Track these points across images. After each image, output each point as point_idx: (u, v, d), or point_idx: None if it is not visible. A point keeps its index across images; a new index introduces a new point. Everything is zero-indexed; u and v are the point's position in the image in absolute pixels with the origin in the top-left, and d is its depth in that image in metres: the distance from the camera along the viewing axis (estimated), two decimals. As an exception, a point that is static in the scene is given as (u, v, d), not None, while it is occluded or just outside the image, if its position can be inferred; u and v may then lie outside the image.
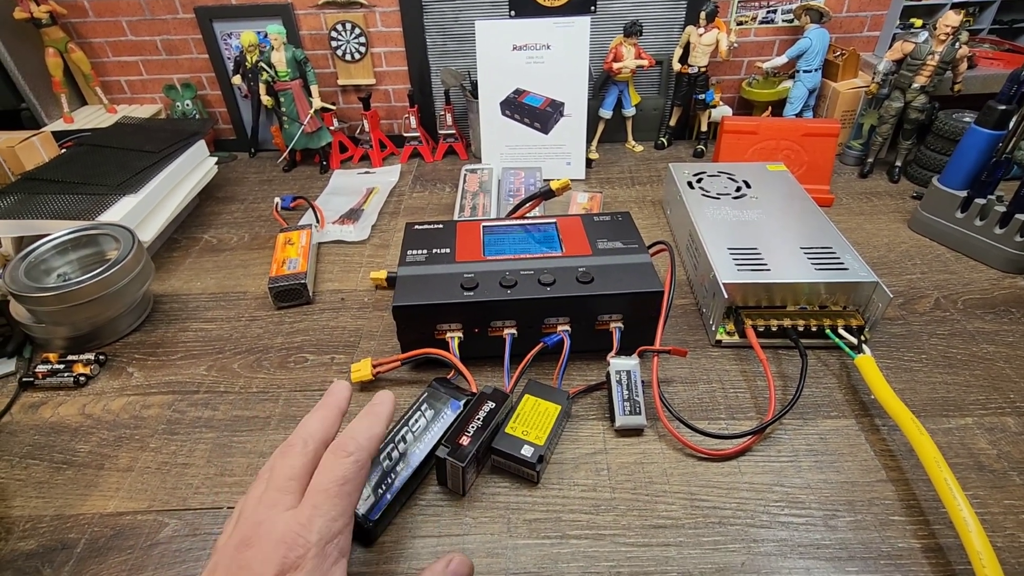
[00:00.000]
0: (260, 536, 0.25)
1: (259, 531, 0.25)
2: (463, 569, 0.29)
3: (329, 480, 0.27)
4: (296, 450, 0.29)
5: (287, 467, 0.28)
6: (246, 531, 0.26)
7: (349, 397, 0.33)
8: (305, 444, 0.29)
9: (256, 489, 0.28)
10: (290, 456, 0.28)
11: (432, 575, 0.29)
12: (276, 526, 0.25)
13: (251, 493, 0.28)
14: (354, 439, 0.29)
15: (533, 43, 0.69)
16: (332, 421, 0.31)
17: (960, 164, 0.56)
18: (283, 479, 0.27)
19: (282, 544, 0.25)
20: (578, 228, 0.49)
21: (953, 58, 0.63)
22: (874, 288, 0.44)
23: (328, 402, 0.32)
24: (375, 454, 0.31)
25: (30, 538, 0.35)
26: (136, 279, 0.49)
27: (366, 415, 0.31)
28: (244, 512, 0.27)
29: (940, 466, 0.33)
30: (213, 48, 0.78)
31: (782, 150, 0.66)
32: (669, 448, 0.39)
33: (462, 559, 0.30)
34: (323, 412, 0.31)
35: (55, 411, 0.43)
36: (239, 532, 0.26)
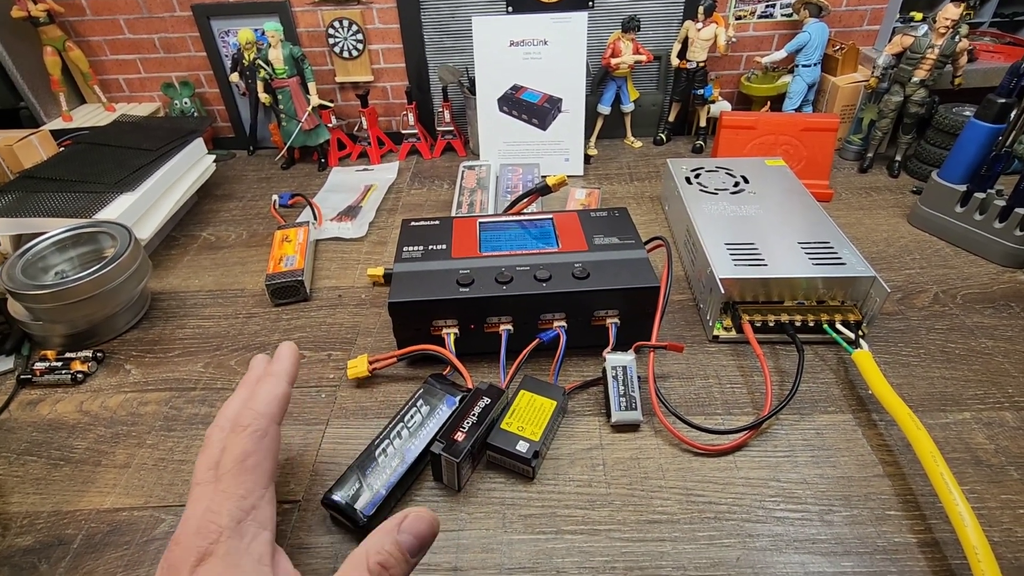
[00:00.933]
0: (182, 533, 0.26)
1: (183, 528, 0.26)
2: (419, 525, 0.26)
3: (231, 460, 0.27)
4: (212, 439, 0.29)
5: (204, 459, 0.28)
6: (176, 532, 0.26)
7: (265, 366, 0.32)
8: (222, 429, 0.29)
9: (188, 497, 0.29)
10: (206, 447, 0.29)
11: (380, 535, 0.25)
12: (192, 519, 0.26)
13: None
14: (251, 409, 0.29)
15: (531, 39, 0.69)
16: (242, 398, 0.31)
17: (959, 158, 0.56)
18: (202, 472, 0.28)
19: (197, 535, 0.25)
20: (574, 224, 0.49)
21: (953, 51, 0.62)
22: (872, 283, 0.44)
23: (247, 380, 0.32)
24: (280, 416, 0.30)
25: (27, 534, 0.35)
26: (133, 276, 0.49)
27: (265, 378, 0.31)
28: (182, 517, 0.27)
29: (936, 460, 0.33)
30: (211, 46, 0.78)
31: (781, 145, 0.66)
32: (665, 444, 0.39)
33: (419, 513, 0.26)
34: (242, 391, 0.31)
35: (53, 408, 0.44)
36: (174, 536, 0.26)
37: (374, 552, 0.25)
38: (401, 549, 0.25)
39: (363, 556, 0.25)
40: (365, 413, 0.42)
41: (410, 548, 0.25)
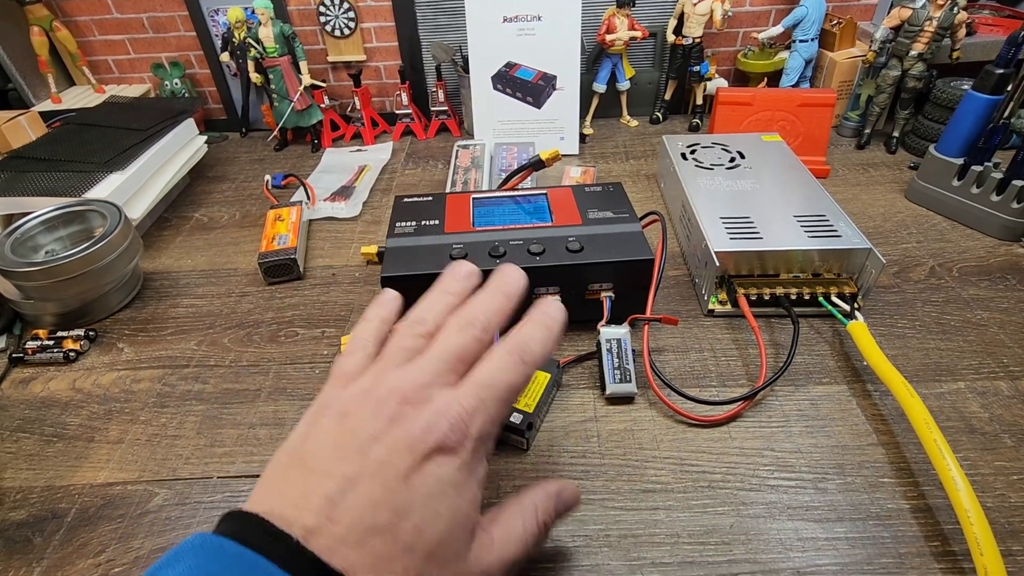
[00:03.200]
0: (419, 399, 0.23)
1: (418, 394, 0.23)
2: (573, 500, 0.28)
3: (502, 381, 0.24)
4: (473, 334, 0.25)
5: (460, 346, 0.25)
6: (404, 386, 0.23)
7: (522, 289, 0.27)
8: (484, 333, 0.25)
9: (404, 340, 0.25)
10: (465, 338, 0.25)
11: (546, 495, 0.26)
12: (440, 398, 0.23)
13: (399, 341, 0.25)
14: (532, 350, 0.25)
15: (524, 14, 0.68)
16: (507, 311, 0.27)
17: (957, 131, 0.55)
18: (452, 357, 0.24)
19: (445, 419, 0.22)
20: (569, 199, 0.49)
21: (951, 24, 0.62)
22: (867, 255, 0.44)
23: (497, 286, 0.27)
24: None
25: (21, 508, 0.35)
26: (124, 255, 0.48)
27: (542, 325, 0.26)
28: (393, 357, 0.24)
29: (930, 427, 0.33)
30: (200, 25, 0.76)
31: (778, 121, 0.65)
32: (659, 415, 0.39)
33: (575, 490, 0.28)
34: (498, 298, 0.27)
35: (45, 386, 0.43)
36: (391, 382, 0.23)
37: (542, 511, 0.26)
38: (556, 514, 0.27)
39: (533, 509, 0.26)
40: (359, 388, 0.42)
41: (561, 514, 0.27)
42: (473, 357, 0.25)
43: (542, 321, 0.26)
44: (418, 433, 0.22)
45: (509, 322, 0.27)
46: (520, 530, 0.25)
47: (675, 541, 0.32)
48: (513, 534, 0.25)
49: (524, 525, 0.25)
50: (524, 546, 0.25)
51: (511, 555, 0.24)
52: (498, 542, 0.24)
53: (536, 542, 0.26)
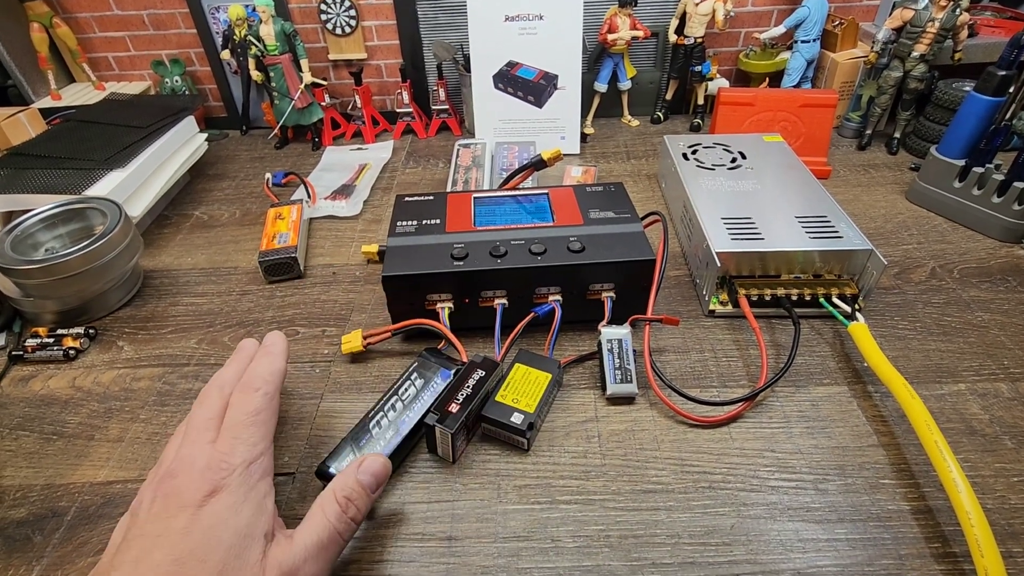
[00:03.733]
0: (184, 468, 0.27)
1: (183, 464, 0.28)
2: (375, 466, 0.31)
3: (243, 413, 0.30)
4: (212, 396, 0.31)
5: (205, 411, 0.30)
6: (171, 466, 0.28)
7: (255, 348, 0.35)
8: (221, 390, 0.32)
9: (175, 440, 0.31)
10: (207, 402, 0.31)
11: (344, 476, 0.30)
12: (200, 457, 0.28)
13: (170, 444, 0.31)
14: (259, 376, 0.32)
15: (526, 13, 0.68)
16: (243, 368, 0.33)
17: (958, 132, 0.55)
18: (202, 421, 0.30)
19: (207, 470, 0.27)
20: (570, 198, 0.49)
21: (953, 25, 0.61)
22: (868, 256, 0.44)
23: (239, 356, 0.35)
24: (280, 387, 0.33)
25: (20, 506, 0.35)
26: (124, 252, 0.48)
27: (263, 355, 0.34)
28: (167, 455, 0.30)
29: (931, 428, 0.33)
30: (201, 22, 0.76)
31: (779, 121, 0.65)
32: (660, 416, 0.39)
33: (375, 456, 0.32)
34: (235, 364, 0.34)
35: (45, 384, 0.43)
36: (163, 469, 0.28)
37: (339, 489, 0.29)
38: (362, 485, 0.30)
39: (331, 493, 0.29)
40: (359, 387, 0.42)
41: (369, 485, 0.30)
42: (222, 411, 0.31)
43: (264, 352, 0.34)
44: (186, 493, 0.26)
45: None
46: (320, 515, 0.28)
47: (676, 542, 0.32)
48: (314, 521, 0.28)
49: (324, 510, 0.29)
50: (329, 528, 0.28)
51: (315, 538, 0.28)
52: (299, 535, 0.28)
53: (345, 519, 0.29)
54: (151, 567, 0.24)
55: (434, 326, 0.42)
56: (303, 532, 0.28)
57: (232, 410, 0.30)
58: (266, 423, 0.30)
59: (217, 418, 0.30)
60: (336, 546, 0.28)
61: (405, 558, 0.31)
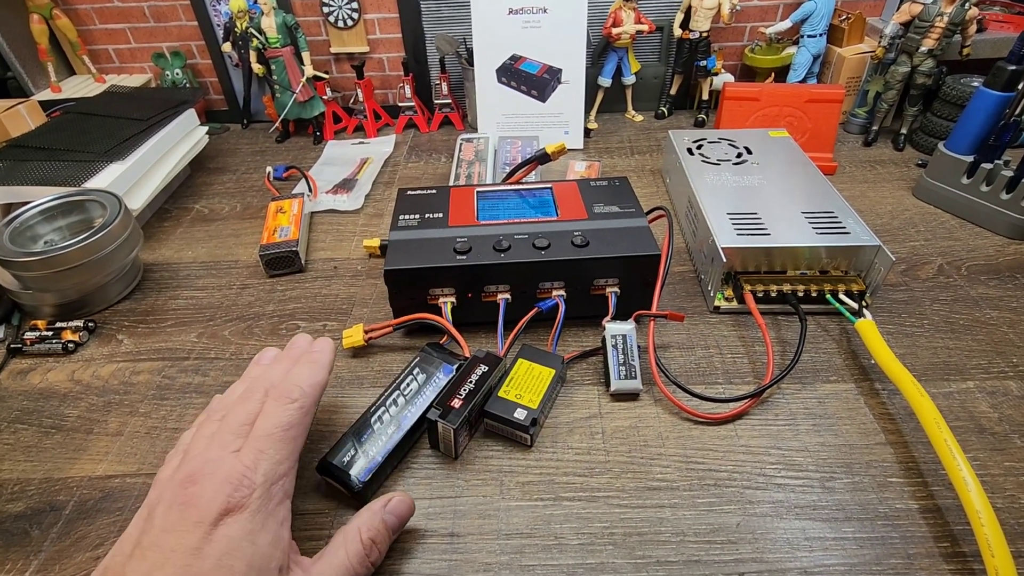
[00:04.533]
0: (206, 474, 0.26)
1: (205, 469, 0.26)
2: (402, 508, 0.30)
3: (274, 425, 0.28)
4: (255, 397, 0.30)
5: (245, 413, 0.29)
6: (193, 468, 0.26)
7: (308, 345, 0.34)
8: (266, 393, 0.30)
9: (207, 428, 0.29)
10: (249, 403, 0.29)
11: (370, 514, 0.29)
12: (222, 466, 0.26)
13: (202, 431, 0.29)
14: (298, 386, 0.30)
15: (530, 6, 0.67)
16: (289, 371, 0.32)
17: (967, 128, 0.55)
18: (238, 424, 0.28)
19: (228, 483, 0.25)
20: (574, 193, 0.48)
21: (962, 20, 0.61)
22: (876, 252, 0.43)
23: (291, 354, 0.34)
24: (318, 400, 0.32)
25: (18, 500, 0.34)
26: (123, 245, 0.48)
27: (308, 362, 0.32)
28: (193, 450, 0.28)
29: (940, 427, 0.32)
30: (202, 14, 0.76)
31: (785, 117, 0.65)
32: (665, 412, 0.38)
33: (402, 497, 0.30)
34: (286, 363, 0.33)
35: (44, 377, 0.43)
36: (185, 468, 0.27)
37: (365, 528, 0.28)
38: (387, 527, 0.29)
39: (356, 531, 0.28)
40: (361, 382, 0.41)
41: (393, 527, 0.29)
42: (256, 418, 0.29)
43: (309, 359, 0.32)
44: (204, 506, 0.25)
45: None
46: (342, 555, 0.27)
47: (681, 539, 0.31)
48: (335, 560, 0.27)
49: (347, 549, 0.27)
50: (349, 570, 0.27)
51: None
52: (315, 572, 0.26)
53: (365, 561, 0.28)
54: None
55: (436, 321, 0.42)
56: (320, 571, 0.26)
57: (263, 419, 0.28)
58: (295, 440, 0.29)
59: (250, 423, 0.29)
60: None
61: (407, 554, 0.31)
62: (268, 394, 0.30)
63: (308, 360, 0.32)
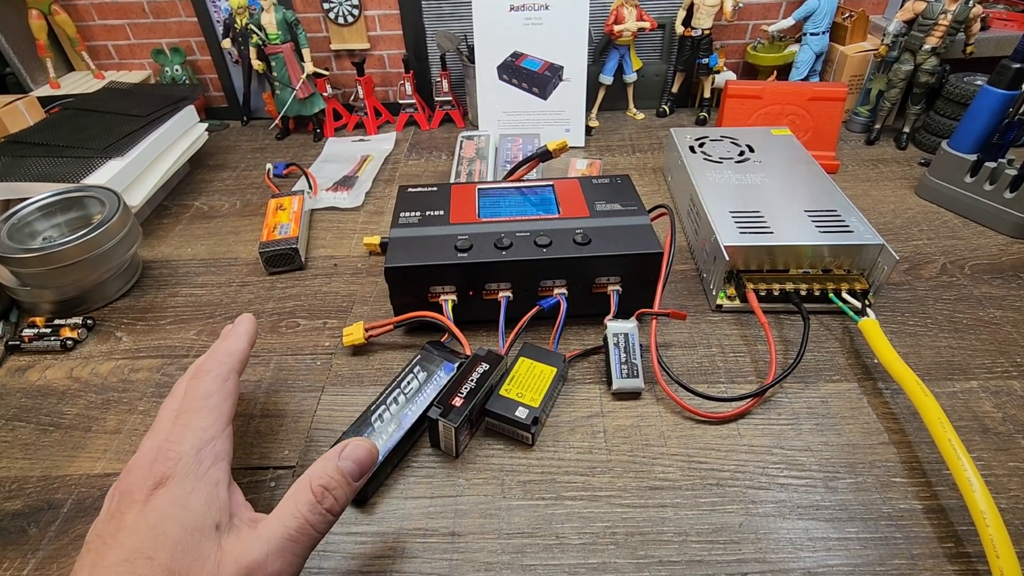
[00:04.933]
0: (137, 463, 0.27)
1: (138, 459, 0.27)
2: (358, 452, 0.28)
3: (192, 398, 0.29)
4: (180, 387, 0.31)
5: (171, 402, 0.30)
6: (130, 463, 0.27)
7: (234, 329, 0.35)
8: (185, 380, 0.31)
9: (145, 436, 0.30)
10: (175, 392, 0.31)
11: (322, 462, 0.28)
12: (151, 450, 0.27)
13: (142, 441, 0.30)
14: (213, 358, 0.32)
15: (531, 3, 0.67)
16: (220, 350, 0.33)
17: (971, 126, 0.55)
18: (166, 413, 0.30)
19: (154, 462, 0.26)
20: (576, 190, 0.48)
21: (966, 18, 0.60)
22: (880, 251, 0.43)
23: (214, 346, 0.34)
24: (240, 368, 0.32)
25: (16, 498, 0.34)
26: (122, 242, 0.47)
27: (226, 336, 0.34)
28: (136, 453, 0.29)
29: (944, 427, 0.32)
30: (202, 11, 0.75)
31: (787, 115, 0.64)
32: (667, 411, 0.38)
33: (359, 441, 0.29)
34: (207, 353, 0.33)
35: (42, 375, 0.43)
36: (125, 466, 0.27)
37: (316, 477, 0.27)
38: (342, 473, 0.27)
39: (306, 481, 0.27)
40: (361, 380, 0.41)
41: (351, 472, 0.28)
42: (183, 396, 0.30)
43: (226, 334, 0.34)
44: (136, 488, 0.25)
45: None
46: (291, 505, 0.26)
47: (683, 539, 0.31)
48: (282, 512, 0.26)
49: (295, 499, 0.26)
50: (299, 519, 0.26)
51: (282, 531, 0.25)
52: (263, 526, 0.26)
53: (319, 510, 0.26)
54: (105, 568, 0.23)
55: (437, 319, 0.42)
56: (269, 524, 0.26)
57: (185, 398, 0.29)
58: (218, 406, 0.29)
59: (177, 409, 0.29)
60: (307, 539, 0.26)
61: (407, 554, 0.31)
62: (188, 380, 0.31)
63: (227, 334, 0.34)
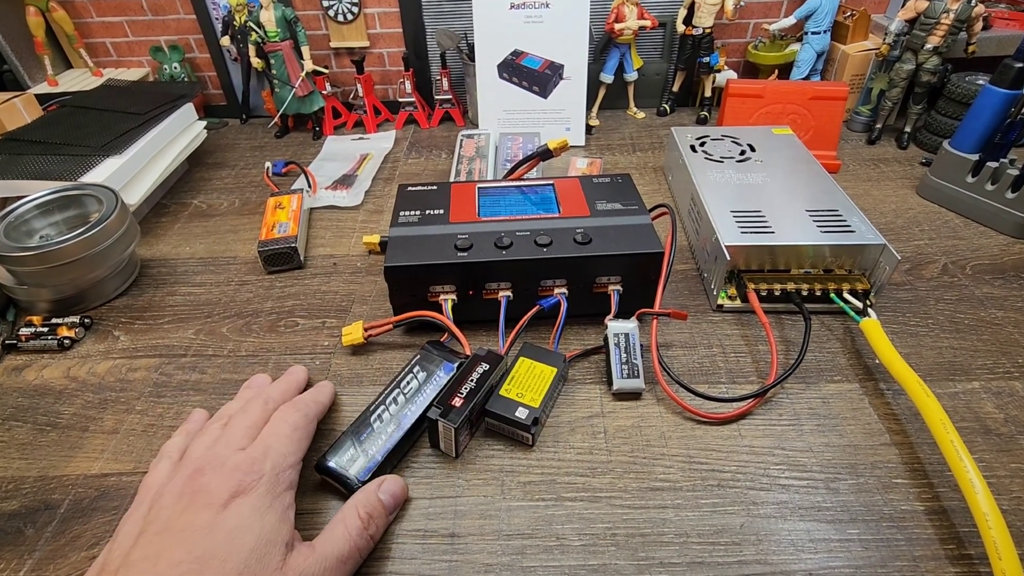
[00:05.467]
0: (215, 466, 0.28)
1: (213, 462, 0.28)
2: (396, 487, 0.32)
3: (282, 424, 0.32)
4: (256, 406, 0.33)
5: (247, 419, 0.32)
6: (200, 463, 0.28)
7: (307, 379, 0.39)
8: (265, 404, 0.33)
9: (206, 435, 0.31)
10: (250, 411, 0.32)
11: (365, 494, 0.31)
12: (230, 459, 0.28)
13: (200, 439, 0.31)
14: (303, 399, 0.34)
15: (532, 1, 0.67)
16: (291, 392, 0.36)
17: (973, 126, 0.54)
18: (243, 427, 0.31)
19: (237, 471, 0.28)
20: (576, 190, 0.48)
21: (968, 17, 0.60)
22: (881, 251, 0.43)
23: (288, 378, 0.38)
24: (320, 417, 0.35)
25: (12, 499, 0.34)
26: (120, 241, 0.47)
27: (316, 389, 0.37)
28: (195, 451, 0.30)
29: (946, 428, 0.32)
30: (200, 8, 0.75)
31: (788, 114, 0.64)
32: (668, 412, 0.38)
33: (396, 478, 0.32)
34: (284, 384, 0.37)
35: (39, 374, 0.42)
36: (190, 464, 0.29)
37: (362, 505, 0.30)
38: (383, 505, 0.31)
39: (353, 508, 0.30)
40: (360, 380, 0.41)
41: (388, 505, 0.31)
42: (262, 423, 0.32)
43: (314, 388, 0.37)
44: (214, 491, 0.27)
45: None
46: (342, 529, 0.29)
47: (684, 541, 0.31)
48: (335, 534, 0.28)
49: (346, 524, 0.29)
50: (350, 542, 0.28)
51: (336, 551, 0.28)
52: (320, 546, 0.28)
53: (365, 535, 0.29)
54: (171, 564, 0.24)
55: (437, 318, 0.41)
56: (325, 544, 0.28)
57: (272, 422, 0.32)
58: (301, 441, 0.32)
59: (256, 428, 0.31)
60: (354, 561, 0.29)
61: (407, 555, 0.31)
62: (267, 404, 0.33)
63: (313, 389, 0.37)
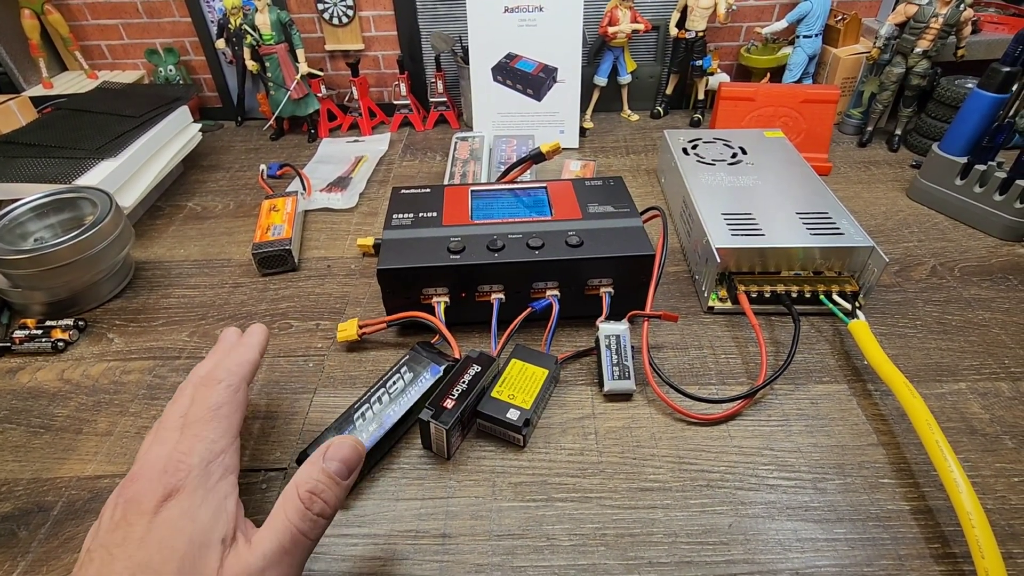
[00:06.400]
0: (145, 471, 0.26)
1: (144, 468, 0.27)
2: (342, 451, 0.28)
3: (203, 408, 0.29)
4: (185, 393, 0.31)
5: (176, 408, 0.30)
6: (134, 470, 0.27)
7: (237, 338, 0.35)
8: (193, 386, 0.31)
9: (146, 440, 0.29)
10: (179, 399, 0.30)
11: (308, 467, 0.27)
12: (159, 459, 0.27)
13: (142, 445, 0.29)
14: (224, 368, 0.31)
15: (526, 5, 0.67)
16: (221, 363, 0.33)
17: (961, 129, 0.55)
18: (172, 419, 0.29)
19: (164, 473, 0.26)
20: (569, 192, 0.48)
21: (957, 21, 0.61)
22: (870, 253, 0.43)
23: (219, 348, 0.34)
24: (250, 378, 0.32)
25: (5, 501, 0.34)
26: (114, 243, 0.47)
27: (238, 346, 0.34)
28: (138, 457, 0.28)
29: (932, 428, 0.32)
30: (196, 11, 0.75)
31: (780, 117, 0.65)
32: (658, 413, 0.38)
33: (342, 440, 0.28)
34: (214, 356, 0.34)
35: (33, 376, 0.43)
36: (129, 473, 0.27)
37: (302, 483, 0.26)
38: (329, 475, 0.27)
39: (293, 489, 0.26)
40: (353, 382, 0.41)
41: (338, 472, 0.27)
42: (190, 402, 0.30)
43: (240, 342, 0.34)
44: (144, 498, 0.25)
45: None
46: (281, 516, 0.26)
47: (673, 540, 0.31)
48: (274, 524, 0.26)
49: (285, 509, 0.26)
50: (291, 530, 0.25)
51: (276, 544, 0.25)
52: (257, 541, 0.25)
53: (310, 517, 0.26)
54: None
55: (428, 320, 0.42)
56: (262, 538, 0.25)
57: (193, 407, 0.29)
58: (228, 417, 0.29)
59: (185, 415, 0.29)
60: (301, 548, 0.26)
61: (398, 556, 0.31)
62: (196, 386, 0.31)
63: (238, 343, 0.34)
